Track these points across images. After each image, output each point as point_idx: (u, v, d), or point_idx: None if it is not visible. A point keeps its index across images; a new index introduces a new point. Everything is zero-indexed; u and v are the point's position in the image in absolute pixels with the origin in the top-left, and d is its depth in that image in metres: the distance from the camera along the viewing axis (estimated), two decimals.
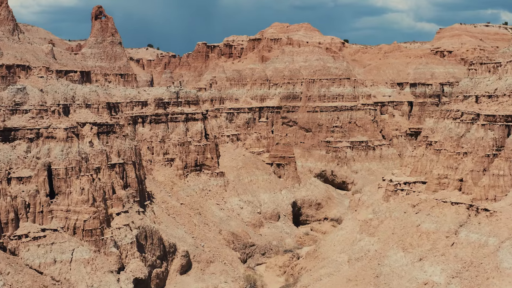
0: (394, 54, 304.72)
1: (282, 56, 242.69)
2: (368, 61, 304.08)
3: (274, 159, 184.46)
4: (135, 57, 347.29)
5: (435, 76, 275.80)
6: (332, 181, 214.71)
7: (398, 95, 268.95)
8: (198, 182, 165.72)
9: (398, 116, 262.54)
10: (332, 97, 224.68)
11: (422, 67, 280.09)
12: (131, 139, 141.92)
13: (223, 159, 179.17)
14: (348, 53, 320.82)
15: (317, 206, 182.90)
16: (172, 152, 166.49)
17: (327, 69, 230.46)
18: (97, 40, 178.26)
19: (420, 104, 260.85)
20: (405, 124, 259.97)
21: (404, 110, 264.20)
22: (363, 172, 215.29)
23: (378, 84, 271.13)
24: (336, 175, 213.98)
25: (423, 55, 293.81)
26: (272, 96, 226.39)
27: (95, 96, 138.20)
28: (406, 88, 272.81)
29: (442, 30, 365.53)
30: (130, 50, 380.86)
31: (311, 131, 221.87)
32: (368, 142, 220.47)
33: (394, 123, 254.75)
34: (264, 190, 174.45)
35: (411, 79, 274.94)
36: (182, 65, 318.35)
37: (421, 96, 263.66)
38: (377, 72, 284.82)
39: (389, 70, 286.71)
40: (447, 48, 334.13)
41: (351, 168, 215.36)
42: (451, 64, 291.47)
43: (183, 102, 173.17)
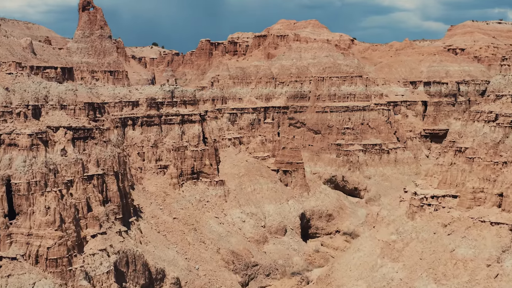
0: (406, 52, 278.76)
1: (289, 52, 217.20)
2: (379, 59, 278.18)
3: (280, 165, 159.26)
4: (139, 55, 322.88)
5: (449, 74, 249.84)
6: (343, 188, 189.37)
7: (411, 94, 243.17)
8: (195, 192, 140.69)
9: (411, 116, 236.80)
10: (343, 96, 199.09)
11: (436, 65, 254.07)
12: (114, 145, 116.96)
13: (224, 165, 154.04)
14: (357, 51, 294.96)
15: (328, 218, 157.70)
16: (166, 158, 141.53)
17: (337, 66, 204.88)
18: (84, 33, 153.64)
19: (435, 104, 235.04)
20: (419, 125, 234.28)
21: (418, 110, 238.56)
22: (377, 178, 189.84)
23: (390, 83, 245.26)
24: (348, 181, 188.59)
25: (436, 52, 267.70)
26: (278, 96, 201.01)
27: (72, 95, 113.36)
28: (419, 86, 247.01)
29: (454, 28, 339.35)
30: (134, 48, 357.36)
31: (320, 133, 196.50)
32: (382, 145, 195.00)
33: (408, 124, 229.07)
34: (269, 200, 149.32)
35: (424, 78, 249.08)
36: (185, 63, 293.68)
37: (436, 95, 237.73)
38: (389, 70, 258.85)
39: (401, 68, 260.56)
40: (460, 45, 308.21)
41: (364, 173, 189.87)
42: (466, 62, 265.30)
43: (179, 102, 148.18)
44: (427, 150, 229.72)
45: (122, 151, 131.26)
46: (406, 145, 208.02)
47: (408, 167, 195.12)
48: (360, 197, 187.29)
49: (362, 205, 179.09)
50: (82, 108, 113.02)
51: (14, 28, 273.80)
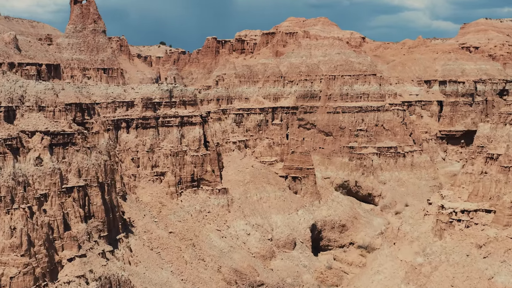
0: (419, 50, 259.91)
1: (298, 50, 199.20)
2: (391, 57, 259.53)
3: (289, 171, 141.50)
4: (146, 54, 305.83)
5: (465, 73, 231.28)
6: (356, 193, 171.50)
7: (426, 93, 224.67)
8: (195, 202, 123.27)
9: (426, 117, 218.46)
10: (355, 96, 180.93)
11: (451, 63, 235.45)
12: (100, 151, 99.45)
13: (227, 171, 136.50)
14: (369, 49, 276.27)
15: (341, 229, 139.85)
16: (163, 164, 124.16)
17: (349, 64, 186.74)
18: (76, 28, 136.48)
19: (452, 104, 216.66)
20: (435, 126, 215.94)
21: (433, 110, 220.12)
22: (392, 183, 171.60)
23: (404, 82, 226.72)
24: (361, 186, 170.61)
25: (451, 50, 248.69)
26: (287, 95, 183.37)
27: (51, 95, 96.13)
28: (434, 86, 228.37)
29: (467, 26, 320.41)
30: (142, 47, 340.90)
31: (332, 135, 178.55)
32: (398, 148, 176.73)
33: (423, 125, 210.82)
34: (276, 210, 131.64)
35: (439, 76, 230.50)
36: (191, 62, 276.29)
37: (452, 95, 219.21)
38: (402, 68, 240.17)
39: (415, 66, 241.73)
40: (473, 43, 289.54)
41: (378, 178, 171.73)
42: (482, 60, 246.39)
43: (178, 102, 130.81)
44: (443, 152, 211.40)
45: (113, 157, 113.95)
46: (422, 147, 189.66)
47: (426, 172, 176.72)
48: (374, 204, 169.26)
49: (377, 213, 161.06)
50: (63, 110, 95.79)
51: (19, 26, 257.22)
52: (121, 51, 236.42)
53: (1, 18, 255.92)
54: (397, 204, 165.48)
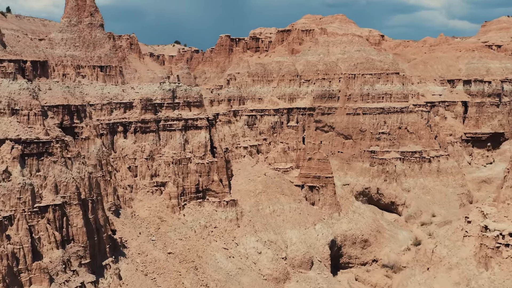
0: (441, 48, 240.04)
1: (315, 47, 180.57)
2: (412, 55, 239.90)
3: (305, 179, 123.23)
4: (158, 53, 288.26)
5: (490, 72, 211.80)
6: (377, 201, 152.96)
7: (449, 93, 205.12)
8: (199, 216, 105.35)
9: (450, 118, 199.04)
10: (377, 96, 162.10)
11: (475, 62, 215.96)
12: (84, 162, 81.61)
13: (237, 180, 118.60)
14: (388, 47, 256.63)
15: (363, 244, 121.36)
16: (164, 173, 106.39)
17: (370, 62, 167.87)
18: (71, 21, 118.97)
19: (478, 105, 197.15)
20: (459, 128, 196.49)
21: (457, 111, 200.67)
22: (417, 191, 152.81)
23: (426, 81, 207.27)
24: (383, 194, 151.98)
25: (475, 48, 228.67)
26: (304, 95, 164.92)
27: (27, 96, 78.56)
28: (458, 85, 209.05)
29: (488, 23, 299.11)
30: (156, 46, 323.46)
31: (352, 138, 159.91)
32: (423, 153, 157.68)
33: (447, 127, 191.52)
34: (292, 224, 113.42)
35: (463, 76, 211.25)
36: (205, 61, 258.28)
37: (478, 95, 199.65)
38: (424, 67, 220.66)
39: (437, 65, 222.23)
40: (496, 42, 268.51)
41: (402, 185, 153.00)
42: (507, 58, 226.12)
43: (182, 103, 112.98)
44: (469, 156, 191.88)
45: (105, 166, 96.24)
46: (447, 151, 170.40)
47: (453, 178, 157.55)
48: (397, 213, 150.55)
49: (401, 224, 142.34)
50: (39, 113, 78.04)
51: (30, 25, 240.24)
52: (131, 49, 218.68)
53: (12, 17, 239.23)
54: (422, 214, 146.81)
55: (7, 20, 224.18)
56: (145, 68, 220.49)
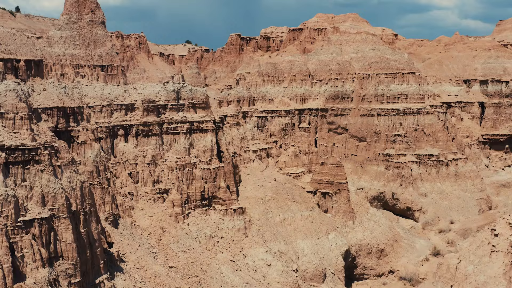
0: (457, 47, 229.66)
1: (328, 46, 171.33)
2: (427, 55, 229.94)
3: (318, 185, 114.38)
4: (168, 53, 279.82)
5: (508, 71, 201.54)
6: (392, 207, 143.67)
7: (466, 94, 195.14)
8: (205, 225, 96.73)
9: (467, 119, 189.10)
10: (392, 97, 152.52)
11: (492, 61, 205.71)
12: (75, 170, 73.10)
13: (245, 186, 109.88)
14: (402, 46, 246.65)
15: (379, 254, 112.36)
16: (167, 179, 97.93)
17: (385, 62, 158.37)
18: (70, 18, 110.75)
19: (495, 106, 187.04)
20: (476, 130, 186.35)
21: (474, 112, 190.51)
22: (434, 196, 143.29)
23: (442, 81, 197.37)
24: (399, 199, 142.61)
25: (491, 47, 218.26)
26: (316, 96, 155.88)
27: (13, 98, 70.29)
28: (474, 85, 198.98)
29: (503, 22, 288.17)
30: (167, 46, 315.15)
31: (366, 140, 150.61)
32: (440, 156, 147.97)
33: (464, 128, 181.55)
34: (303, 234, 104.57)
35: (480, 75, 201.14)
36: (215, 60, 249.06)
37: (495, 95, 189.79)
38: (439, 67, 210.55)
39: (452, 64, 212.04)
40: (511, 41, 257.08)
41: (419, 190, 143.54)
42: None
43: (186, 105, 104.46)
44: (486, 159, 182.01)
45: (103, 172, 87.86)
46: (464, 154, 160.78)
47: (471, 183, 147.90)
48: (414, 219, 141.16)
49: (418, 231, 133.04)
50: (26, 117, 69.65)
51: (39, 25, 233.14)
52: (139, 48, 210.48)
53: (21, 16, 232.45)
54: (440, 221, 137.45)
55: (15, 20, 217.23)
56: (154, 68, 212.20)
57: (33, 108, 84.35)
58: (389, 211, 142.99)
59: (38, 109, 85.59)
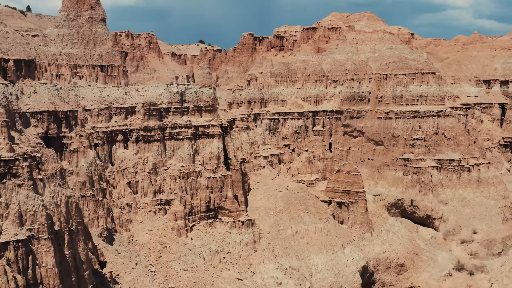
0: (475, 46, 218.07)
1: (343, 45, 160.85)
2: (445, 54, 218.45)
3: (333, 194, 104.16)
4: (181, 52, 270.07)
5: None
6: (411, 214, 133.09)
7: (486, 95, 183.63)
8: (210, 239, 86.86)
9: (487, 121, 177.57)
10: (411, 98, 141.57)
11: None
12: (60, 184, 63.42)
13: (255, 196, 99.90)
14: (419, 46, 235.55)
15: (398, 269, 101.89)
16: (169, 189, 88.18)
17: (404, 61, 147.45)
18: (69, 15, 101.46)
19: None
20: (497, 132, 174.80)
21: (494, 114, 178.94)
22: (455, 203, 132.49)
23: (461, 82, 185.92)
24: (418, 207, 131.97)
25: (511, 46, 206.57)
26: (331, 97, 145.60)
27: None
28: (494, 86, 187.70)
29: None
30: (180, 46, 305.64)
31: (383, 144, 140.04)
32: (462, 161, 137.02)
33: (485, 131, 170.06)
34: (317, 248, 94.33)
35: (500, 76, 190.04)
36: (227, 60, 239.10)
37: None
38: (458, 67, 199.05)
39: (471, 64, 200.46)
40: None
41: (439, 196, 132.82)
42: None
43: (191, 108, 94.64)
44: (507, 162, 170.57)
45: (97, 183, 78.26)
46: (485, 158, 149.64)
47: (494, 189, 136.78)
48: (434, 228, 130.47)
49: (439, 241, 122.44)
50: (4, 124, 60.13)
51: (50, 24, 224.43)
52: (150, 48, 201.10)
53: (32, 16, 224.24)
54: (462, 230, 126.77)
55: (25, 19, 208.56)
56: (165, 68, 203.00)
57: (21, 112, 75.09)
58: (407, 219, 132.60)
59: (26, 113, 76.33)
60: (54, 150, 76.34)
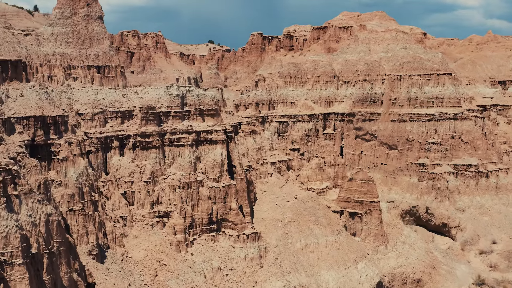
0: (490, 46, 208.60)
1: (355, 44, 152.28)
2: (458, 54, 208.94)
3: (345, 204, 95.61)
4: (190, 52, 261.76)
5: None
6: (426, 222, 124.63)
7: (502, 96, 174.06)
8: (212, 255, 78.57)
9: (503, 124, 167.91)
10: (427, 100, 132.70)
11: None
12: (40, 200, 55.37)
13: (261, 206, 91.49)
14: (431, 46, 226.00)
15: (415, 285, 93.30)
16: (168, 200, 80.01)
17: (418, 62, 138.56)
18: (63, 13, 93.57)
19: None
20: None
21: (511, 116, 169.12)
22: (473, 211, 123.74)
23: (476, 82, 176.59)
24: (433, 214, 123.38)
25: None
26: (342, 99, 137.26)
27: None
28: (510, 87, 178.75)
29: None
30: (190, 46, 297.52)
31: (397, 148, 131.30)
32: (479, 166, 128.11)
33: (501, 134, 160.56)
34: (328, 263, 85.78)
35: None
36: (236, 60, 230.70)
37: None
38: (472, 67, 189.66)
39: (486, 65, 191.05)
40: None
41: (456, 204, 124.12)
42: None
43: (193, 112, 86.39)
44: None
45: (87, 194, 70.15)
46: (503, 162, 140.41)
47: None
48: (450, 237, 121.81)
49: (457, 252, 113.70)
50: None
51: None
52: (156, 48, 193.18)
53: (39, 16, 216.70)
54: (480, 240, 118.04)
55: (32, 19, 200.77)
56: (172, 68, 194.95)
57: (5, 117, 67.09)
58: (422, 227, 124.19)
59: (11, 118, 68.31)
60: (41, 159, 68.71)
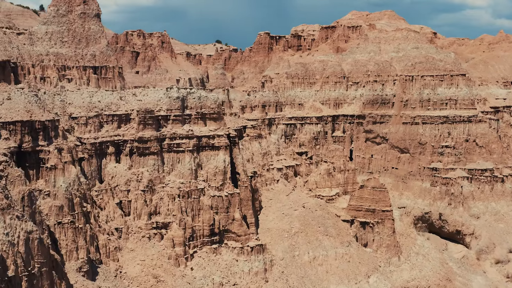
0: (502, 46, 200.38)
1: (364, 44, 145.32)
2: (469, 54, 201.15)
3: (356, 213, 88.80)
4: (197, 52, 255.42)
5: None
6: (439, 229, 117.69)
7: None
8: (213, 269, 72.05)
9: None
10: (440, 102, 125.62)
11: None
12: (19, 216, 49.02)
13: (267, 215, 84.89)
14: (442, 45, 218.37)
15: None
16: (167, 210, 73.52)
17: (431, 62, 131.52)
18: (59, 11, 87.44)
19: None
20: None
21: None
22: (488, 217, 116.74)
23: (488, 83, 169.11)
24: (447, 221, 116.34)
25: None
26: (351, 100, 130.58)
27: None
28: None
29: None
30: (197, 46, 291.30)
31: (409, 152, 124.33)
32: (494, 170, 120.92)
33: None
34: (338, 277, 79.10)
35: None
36: (243, 60, 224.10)
37: None
38: (484, 68, 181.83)
39: (498, 65, 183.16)
40: None
41: (470, 210, 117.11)
42: None
43: (194, 115, 79.87)
44: None
45: (78, 205, 63.87)
46: None
47: None
48: (465, 244, 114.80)
49: (472, 261, 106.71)
50: None
51: None
52: (162, 48, 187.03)
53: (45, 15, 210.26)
54: (496, 248, 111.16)
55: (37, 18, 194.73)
56: (177, 68, 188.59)
57: None
58: (435, 234, 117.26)
59: None
60: (29, 167, 62.50)
